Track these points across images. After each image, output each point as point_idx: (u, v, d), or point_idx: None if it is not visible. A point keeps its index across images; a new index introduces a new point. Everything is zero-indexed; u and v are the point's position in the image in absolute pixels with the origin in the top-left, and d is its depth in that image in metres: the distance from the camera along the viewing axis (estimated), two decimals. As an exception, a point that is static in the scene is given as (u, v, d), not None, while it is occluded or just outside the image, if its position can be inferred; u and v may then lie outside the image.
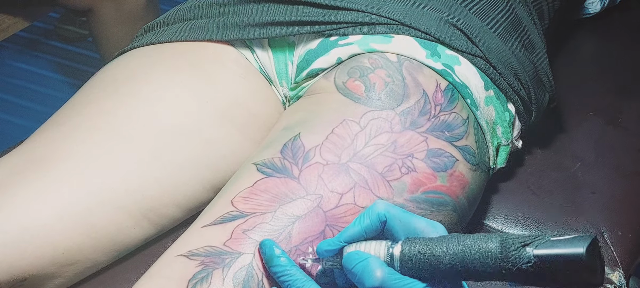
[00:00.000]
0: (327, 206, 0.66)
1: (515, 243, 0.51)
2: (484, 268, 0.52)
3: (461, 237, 0.54)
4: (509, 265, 0.51)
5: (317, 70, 0.79)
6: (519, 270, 0.50)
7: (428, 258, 0.54)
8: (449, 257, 0.53)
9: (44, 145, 0.76)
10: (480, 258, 0.52)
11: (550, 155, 0.97)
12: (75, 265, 0.74)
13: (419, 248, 0.55)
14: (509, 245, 0.51)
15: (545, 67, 0.87)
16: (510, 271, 0.51)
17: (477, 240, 0.53)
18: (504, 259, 0.51)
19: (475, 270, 0.53)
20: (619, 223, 0.88)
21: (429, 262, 0.54)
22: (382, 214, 0.58)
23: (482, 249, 0.52)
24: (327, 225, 0.65)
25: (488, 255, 0.52)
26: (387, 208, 0.59)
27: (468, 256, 0.53)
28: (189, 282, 0.62)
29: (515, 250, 0.51)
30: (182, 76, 0.82)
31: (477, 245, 0.53)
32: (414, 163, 0.69)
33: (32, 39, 2.09)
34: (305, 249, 0.64)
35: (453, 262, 0.53)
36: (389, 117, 0.71)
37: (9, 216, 0.70)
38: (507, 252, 0.51)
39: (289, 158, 0.69)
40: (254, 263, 0.63)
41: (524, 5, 0.85)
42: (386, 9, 0.78)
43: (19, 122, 1.79)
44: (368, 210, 0.59)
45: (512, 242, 0.51)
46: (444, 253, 0.54)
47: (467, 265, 0.53)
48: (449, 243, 0.54)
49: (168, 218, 0.79)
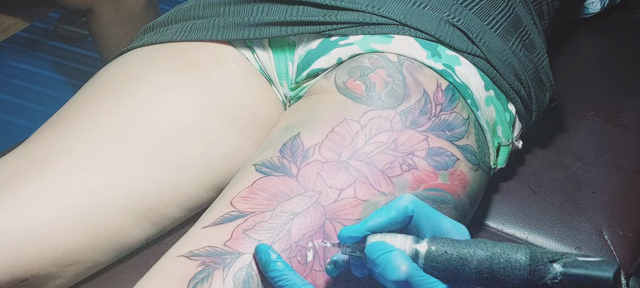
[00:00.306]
0: (326, 201, 0.66)
1: (544, 258, 0.51)
2: (510, 278, 0.51)
3: (489, 243, 0.53)
4: (536, 278, 0.51)
5: (318, 70, 0.79)
6: (544, 285, 0.50)
7: (454, 260, 0.53)
8: (476, 262, 0.52)
9: (45, 145, 0.76)
10: (508, 268, 0.52)
11: (550, 155, 0.97)
12: (75, 265, 0.74)
13: (446, 249, 0.54)
14: (538, 258, 0.51)
15: (545, 66, 0.87)
16: (535, 285, 0.51)
17: (505, 249, 0.52)
18: (531, 271, 0.51)
19: (501, 278, 0.52)
20: (619, 223, 0.88)
21: (454, 264, 0.53)
22: (410, 208, 0.57)
23: (511, 259, 0.52)
24: (327, 219, 0.65)
25: (516, 266, 0.51)
26: (415, 202, 0.57)
27: (496, 263, 0.52)
28: (189, 282, 0.62)
29: (543, 264, 0.51)
30: (182, 76, 0.82)
31: (506, 254, 0.52)
32: (415, 161, 0.69)
33: (32, 39, 2.09)
34: (305, 244, 0.64)
35: (480, 268, 0.52)
36: (389, 116, 0.71)
37: (9, 216, 0.70)
38: (536, 265, 0.51)
39: (288, 157, 0.69)
40: (253, 264, 0.63)
41: (524, 5, 0.86)
42: (386, 9, 0.78)
43: (19, 122, 1.79)
44: (395, 202, 0.58)
45: (541, 256, 0.51)
46: (471, 257, 0.53)
47: (494, 272, 0.52)
48: (477, 247, 0.53)
49: (169, 219, 0.79)
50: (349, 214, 0.65)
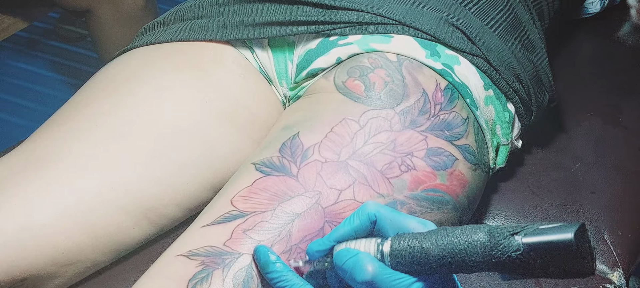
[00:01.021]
0: (326, 202, 0.66)
1: (504, 232, 0.51)
2: (474, 258, 0.52)
3: (449, 229, 0.54)
4: (498, 254, 0.51)
5: (317, 70, 0.79)
6: (509, 258, 0.50)
7: (417, 252, 0.54)
8: (439, 249, 0.53)
9: (44, 145, 0.76)
10: (470, 249, 0.52)
11: (550, 155, 0.97)
12: (75, 265, 0.74)
13: (408, 242, 0.55)
14: (498, 234, 0.52)
15: (545, 66, 0.87)
16: (500, 260, 0.51)
17: (465, 231, 0.53)
18: (493, 248, 0.51)
19: (465, 260, 0.53)
20: (619, 223, 0.88)
21: (418, 256, 0.54)
22: (372, 214, 0.58)
23: (471, 239, 0.52)
24: (327, 221, 0.65)
25: (477, 245, 0.52)
26: (377, 208, 0.59)
27: (457, 247, 0.53)
28: (189, 281, 0.62)
29: (504, 238, 0.51)
30: (182, 76, 0.82)
31: (466, 236, 0.53)
32: (414, 162, 0.69)
33: (32, 39, 2.09)
34: (305, 247, 0.64)
35: (443, 254, 0.53)
36: (388, 116, 0.71)
37: (9, 216, 0.70)
38: (496, 241, 0.51)
39: (288, 156, 0.69)
40: (253, 264, 0.63)
41: (524, 5, 0.86)
42: (386, 9, 0.78)
43: (19, 122, 1.79)
44: (358, 211, 0.59)
45: (501, 231, 0.52)
46: (433, 245, 0.54)
47: (457, 256, 0.53)
48: (437, 235, 0.54)
49: (168, 218, 0.79)
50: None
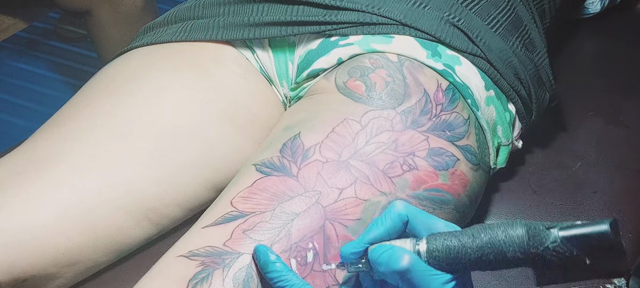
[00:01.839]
0: (327, 201, 0.66)
1: (540, 226, 0.53)
2: (513, 251, 0.53)
3: (485, 226, 0.55)
4: (537, 246, 0.52)
5: (318, 70, 0.79)
6: (546, 250, 0.52)
7: (456, 249, 0.54)
8: (477, 244, 0.54)
9: (45, 146, 0.76)
10: (509, 242, 0.53)
11: (551, 155, 0.97)
12: (76, 266, 0.74)
13: (446, 241, 0.55)
14: (535, 227, 0.53)
15: (545, 66, 0.86)
16: (537, 252, 0.52)
17: (502, 226, 0.54)
18: (531, 240, 0.52)
19: (504, 254, 0.53)
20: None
21: (456, 252, 0.54)
22: (404, 214, 0.58)
23: (509, 233, 0.53)
24: (327, 219, 0.65)
25: (515, 238, 0.53)
26: (408, 207, 0.58)
27: (496, 242, 0.53)
28: (189, 282, 0.62)
29: (541, 231, 0.52)
30: (182, 76, 0.82)
31: (503, 231, 0.53)
32: (416, 162, 0.69)
33: (32, 39, 2.09)
34: (305, 245, 0.64)
35: (482, 248, 0.54)
36: (390, 116, 0.71)
37: (10, 216, 0.70)
38: (533, 233, 0.52)
39: (288, 157, 0.69)
40: (253, 264, 0.63)
41: (525, 4, 0.85)
42: (386, 9, 0.78)
43: (19, 122, 1.79)
44: (388, 211, 0.58)
45: (537, 225, 0.53)
46: (471, 240, 0.54)
47: (496, 249, 0.53)
48: (474, 231, 0.55)
49: (169, 218, 0.79)
50: (349, 214, 0.65)
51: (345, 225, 0.65)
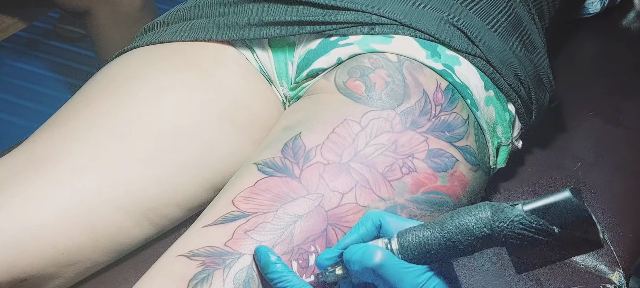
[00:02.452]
0: (329, 205, 0.66)
1: (505, 204, 0.54)
2: (480, 230, 0.54)
3: (453, 213, 0.56)
4: (502, 222, 0.53)
5: (318, 70, 0.79)
6: (512, 224, 0.53)
7: (425, 239, 0.56)
8: (446, 230, 0.55)
9: (44, 145, 0.76)
10: (475, 222, 0.54)
11: (550, 155, 0.97)
12: (75, 265, 0.74)
13: (415, 232, 0.56)
14: (499, 206, 0.54)
15: (545, 66, 0.86)
16: (504, 229, 0.53)
17: (467, 209, 0.55)
18: (495, 217, 0.53)
19: (472, 236, 0.54)
20: (619, 223, 0.88)
21: (426, 242, 0.56)
22: (377, 219, 0.60)
23: (475, 215, 0.54)
24: (329, 224, 0.65)
25: (481, 219, 0.54)
26: (380, 213, 0.60)
27: (463, 224, 0.54)
28: (189, 282, 0.62)
29: (505, 208, 0.54)
30: (182, 76, 0.82)
31: (469, 212, 0.55)
32: (415, 164, 0.69)
33: (32, 39, 2.08)
34: (307, 248, 0.64)
35: (452, 234, 0.55)
36: (389, 116, 0.71)
37: (9, 216, 0.70)
38: (498, 210, 0.54)
39: (290, 157, 0.69)
40: (254, 265, 0.62)
41: (524, 5, 0.85)
42: (386, 9, 0.78)
43: (19, 122, 1.79)
44: (362, 220, 0.61)
45: (501, 204, 0.54)
46: (440, 229, 0.55)
47: (464, 232, 0.54)
48: (442, 219, 0.56)
49: (168, 219, 0.79)
50: (350, 221, 0.66)
51: (346, 231, 0.65)
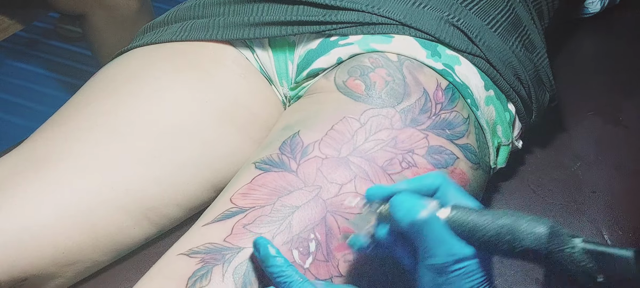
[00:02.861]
0: (327, 195, 0.66)
1: (565, 231, 0.52)
2: (531, 243, 0.52)
3: (511, 212, 0.54)
4: (556, 244, 0.51)
5: (318, 70, 0.79)
6: (562, 253, 0.51)
7: (475, 223, 0.53)
8: (498, 225, 0.53)
9: (44, 145, 0.76)
10: (529, 233, 0.52)
11: (550, 154, 0.97)
12: (75, 265, 0.74)
13: (469, 212, 0.54)
14: (559, 229, 0.52)
15: (545, 66, 0.87)
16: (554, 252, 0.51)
17: (528, 217, 0.53)
18: (551, 238, 0.51)
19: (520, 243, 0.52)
20: (619, 223, 0.88)
21: (474, 226, 0.53)
22: (438, 180, 0.57)
23: (532, 226, 0.52)
24: (329, 212, 0.65)
25: (537, 233, 0.52)
26: (443, 177, 0.57)
27: (516, 228, 0.52)
28: (188, 279, 0.62)
29: (564, 234, 0.51)
30: (182, 76, 0.82)
31: (527, 221, 0.53)
32: (415, 159, 0.69)
33: (32, 38, 2.08)
34: (307, 236, 0.64)
35: (501, 231, 0.53)
36: (389, 114, 0.71)
37: (9, 216, 0.70)
38: (556, 233, 0.51)
39: (287, 153, 0.69)
40: (254, 257, 0.62)
41: (524, 5, 0.86)
42: (386, 9, 0.78)
43: (19, 122, 1.79)
44: (424, 175, 0.58)
45: (562, 229, 0.52)
46: (492, 221, 0.53)
47: (514, 236, 0.52)
48: (498, 213, 0.54)
49: (168, 218, 0.79)
50: (350, 208, 0.65)
51: (346, 218, 0.65)
